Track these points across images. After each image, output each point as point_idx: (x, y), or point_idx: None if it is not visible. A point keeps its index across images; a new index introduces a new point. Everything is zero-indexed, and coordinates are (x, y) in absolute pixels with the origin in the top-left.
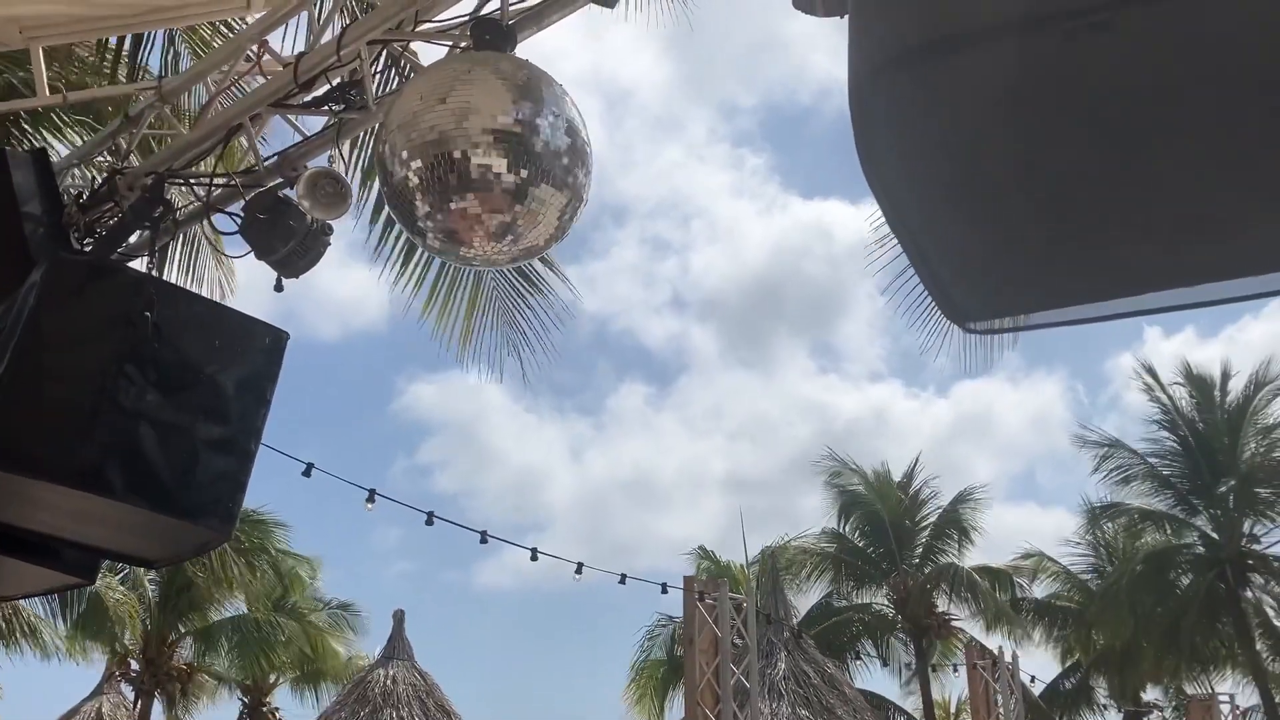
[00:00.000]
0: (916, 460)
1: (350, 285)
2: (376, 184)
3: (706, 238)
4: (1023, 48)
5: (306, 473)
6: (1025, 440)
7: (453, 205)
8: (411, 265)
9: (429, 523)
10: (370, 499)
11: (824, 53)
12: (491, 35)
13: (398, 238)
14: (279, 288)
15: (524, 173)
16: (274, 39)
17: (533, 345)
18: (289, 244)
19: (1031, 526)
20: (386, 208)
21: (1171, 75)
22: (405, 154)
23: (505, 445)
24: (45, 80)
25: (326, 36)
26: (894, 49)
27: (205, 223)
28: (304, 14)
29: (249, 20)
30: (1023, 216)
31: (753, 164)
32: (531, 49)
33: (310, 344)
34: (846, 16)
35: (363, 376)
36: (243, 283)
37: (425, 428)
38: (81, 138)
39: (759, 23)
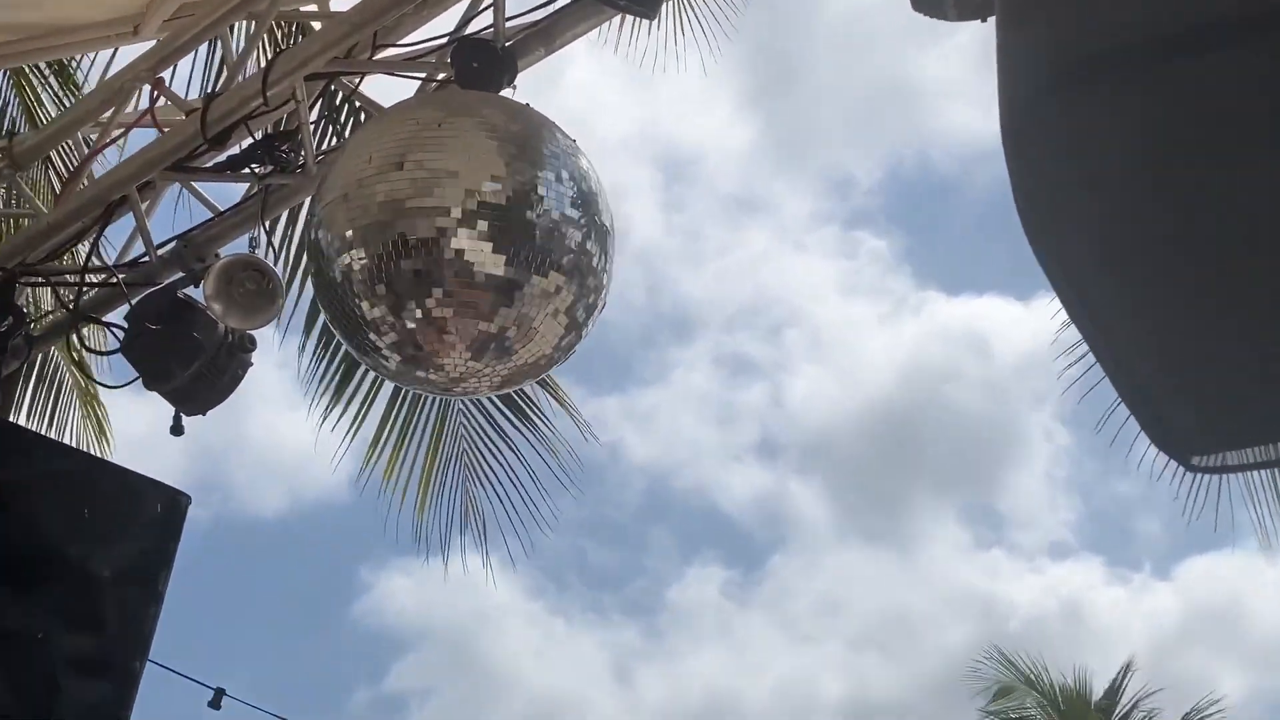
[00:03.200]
0: (1126, 671)
1: (303, 435)
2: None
3: (807, 354)
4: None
5: (215, 703)
6: None
7: (414, 309)
8: (348, 391)
9: None
10: None
11: (970, 101)
12: (481, 62)
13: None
14: (177, 430)
15: (515, 262)
16: (172, 76)
17: (543, 511)
18: (192, 365)
19: None
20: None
21: None
22: (347, 237)
23: (517, 663)
24: None
25: (247, 71)
26: (1068, 62)
27: (73, 338)
28: (213, 40)
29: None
30: (1268, 299)
31: (872, 248)
32: (552, 98)
33: (241, 519)
34: (992, 22)
35: (314, 565)
36: (138, 432)
37: (400, 638)
38: None
39: (877, 65)
